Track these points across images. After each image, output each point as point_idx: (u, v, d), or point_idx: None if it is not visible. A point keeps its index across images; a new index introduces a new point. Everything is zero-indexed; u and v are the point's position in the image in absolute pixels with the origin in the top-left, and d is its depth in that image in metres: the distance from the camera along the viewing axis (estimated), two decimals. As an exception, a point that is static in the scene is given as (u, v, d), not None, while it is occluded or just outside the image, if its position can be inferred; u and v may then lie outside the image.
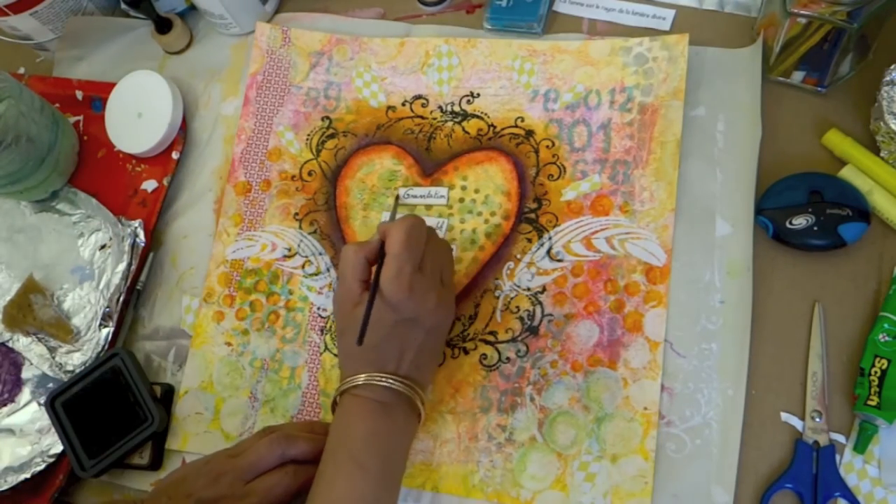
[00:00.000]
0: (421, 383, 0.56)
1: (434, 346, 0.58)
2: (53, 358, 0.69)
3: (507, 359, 0.60)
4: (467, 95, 0.68)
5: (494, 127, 0.67)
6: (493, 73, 0.68)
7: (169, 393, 0.66)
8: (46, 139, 0.71)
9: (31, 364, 0.70)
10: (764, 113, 0.61)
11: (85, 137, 0.77)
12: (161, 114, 0.72)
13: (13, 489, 0.65)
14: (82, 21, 0.79)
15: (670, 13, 0.67)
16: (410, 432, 0.56)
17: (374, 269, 0.55)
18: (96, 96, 0.77)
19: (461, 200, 0.65)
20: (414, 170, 0.67)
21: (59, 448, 0.65)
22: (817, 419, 0.54)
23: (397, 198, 0.66)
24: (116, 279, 0.68)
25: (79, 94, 0.77)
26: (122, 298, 0.68)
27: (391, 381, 0.53)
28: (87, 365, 0.67)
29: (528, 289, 0.62)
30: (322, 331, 0.65)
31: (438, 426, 0.60)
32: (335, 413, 0.56)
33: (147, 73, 0.74)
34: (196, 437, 0.64)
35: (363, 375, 0.54)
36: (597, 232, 0.62)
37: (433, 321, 0.56)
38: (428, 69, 0.70)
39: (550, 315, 0.61)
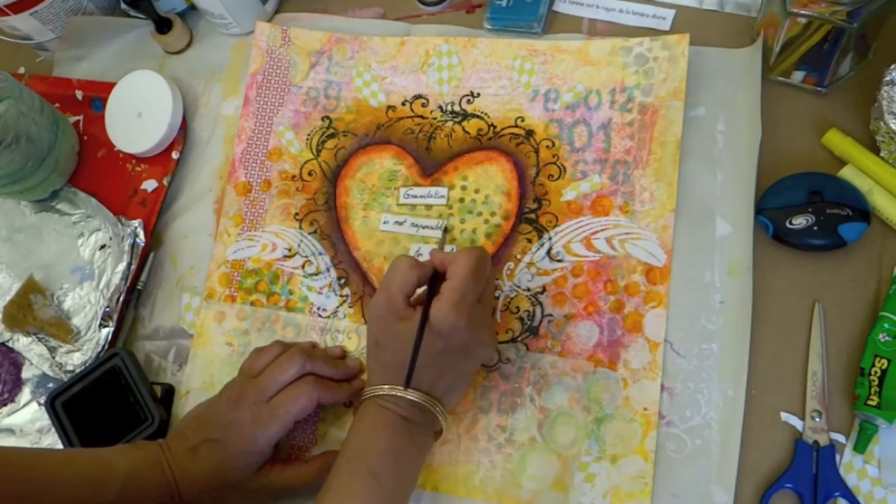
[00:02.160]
0: (448, 406, 0.56)
1: (471, 375, 0.58)
2: (53, 358, 0.69)
3: (507, 359, 0.60)
4: (467, 95, 0.68)
5: (494, 127, 0.67)
6: (493, 73, 0.68)
7: (169, 393, 0.66)
8: (46, 139, 0.71)
9: (31, 364, 0.70)
10: (764, 113, 0.61)
11: (85, 137, 0.77)
12: (161, 114, 0.72)
13: (13, 489, 0.65)
14: (82, 21, 0.79)
15: (670, 13, 0.67)
16: (427, 451, 0.56)
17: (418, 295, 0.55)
18: (96, 96, 0.77)
19: (461, 200, 0.65)
20: (414, 170, 0.67)
21: (59, 448, 0.65)
22: (817, 419, 0.54)
23: (446, 229, 0.64)
24: (116, 279, 0.68)
25: (79, 94, 0.77)
26: (122, 298, 0.68)
27: (421, 397, 0.53)
28: (87, 365, 0.67)
29: (528, 289, 0.62)
30: (322, 331, 0.65)
31: (438, 426, 0.60)
32: (356, 417, 0.55)
33: (147, 73, 0.74)
34: (196, 437, 0.64)
35: (391, 387, 0.53)
36: (597, 232, 0.61)
37: (482, 354, 0.57)
38: (428, 69, 0.70)
39: (550, 315, 0.61)
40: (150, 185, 0.73)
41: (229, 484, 0.57)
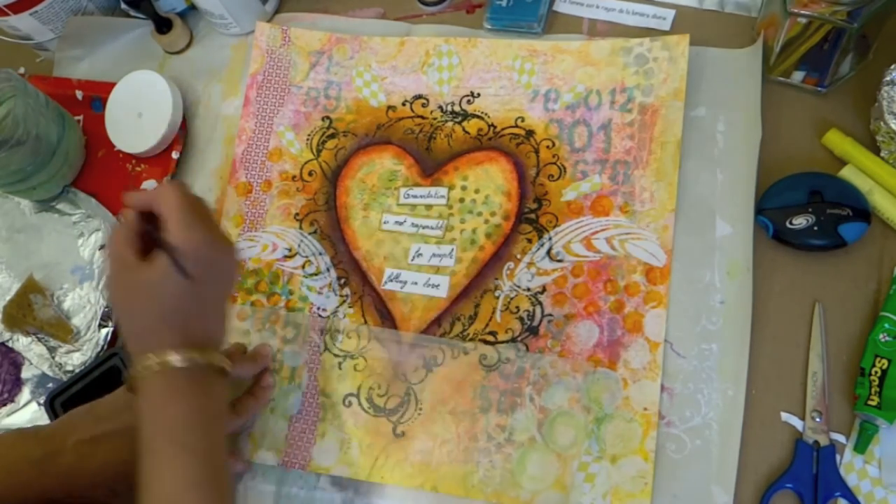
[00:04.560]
0: (219, 340, 0.53)
1: (225, 299, 0.55)
2: (53, 358, 0.69)
3: (507, 359, 0.60)
4: (467, 95, 0.68)
5: (495, 127, 0.67)
6: (493, 73, 0.68)
7: (169, 393, 0.66)
8: (55, 134, 0.71)
9: (31, 364, 0.70)
10: (764, 113, 0.61)
11: (85, 137, 0.77)
12: (161, 114, 0.72)
13: (13, 489, 0.65)
14: (82, 21, 0.79)
15: (670, 13, 0.67)
16: (224, 397, 0.53)
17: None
18: (96, 96, 0.77)
19: (461, 200, 0.65)
20: (414, 170, 0.67)
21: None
22: (817, 419, 0.54)
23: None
24: (116, 279, 0.68)
25: (79, 94, 0.77)
26: (121, 298, 0.68)
27: (194, 355, 0.49)
28: (86, 365, 0.67)
29: (528, 289, 0.62)
30: (322, 331, 0.65)
31: (438, 426, 0.60)
32: (139, 397, 0.49)
33: (147, 73, 0.74)
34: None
35: (155, 354, 0.48)
36: (597, 232, 0.61)
37: (229, 274, 0.53)
38: (428, 69, 0.70)
39: (550, 315, 0.61)
40: (150, 185, 0.73)
41: (124, 483, 0.52)
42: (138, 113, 0.73)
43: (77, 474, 0.53)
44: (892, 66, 0.57)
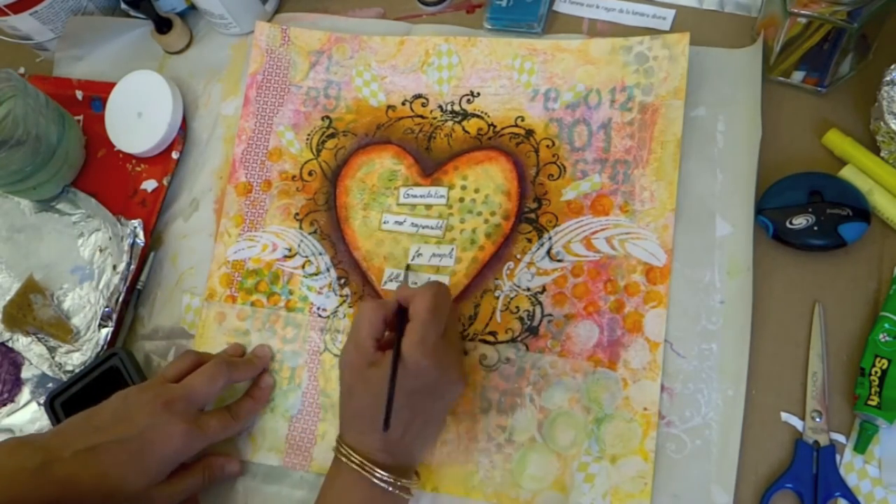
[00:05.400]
0: (418, 457, 0.56)
1: (442, 416, 0.58)
2: (53, 358, 0.69)
3: (507, 359, 0.60)
4: (467, 95, 0.68)
5: (494, 126, 0.67)
6: (493, 73, 0.68)
7: (169, 393, 0.66)
8: (55, 134, 0.71)
9: (31, 364, 0.70)
10: (764, 113, 0.61)
11: (85, 137, 0.77)
12: (161, 114, 0.72)
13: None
14: (82, 21, 0.79)
15: (670, 13, 0.67)
16: None
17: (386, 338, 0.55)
18: (96, 96, 0.77)
19: (461, 200, 0.65)
20: (414, 169, 0.67)
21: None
22: (817, 419, 0.54)
23: (408, 266, 0.64)
24: (116, 279, 0.68)
25: (79, 94, 0.77)
26: (121, 298, 0.68)
27: (387, 477, 0.52)
28: (86, 365, 0.67)
29: (528, 289, 0.62)
30: (322, 331, 0.65)
31: (438, 426, 0.60)
32: (330, 470, 0.55)
33: (147, 73, 0.74)
34: (196, 437, 0.64)
35: (361, 463, 0.52)
36: (597, 232, 0.61)
37: (451, 393, 0.56)
38: (428, 68, 0.69)
39: (550, 315, 0.61)
40: (150, 185, 0.73)
41: (121, 493, 0.54)
42: (138, 113, 0.73)
43: (75, 484, 0.53)
44: (892, 66, 0.57)
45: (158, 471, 0.55)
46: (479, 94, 0.68)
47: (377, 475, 0.52)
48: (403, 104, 0.69)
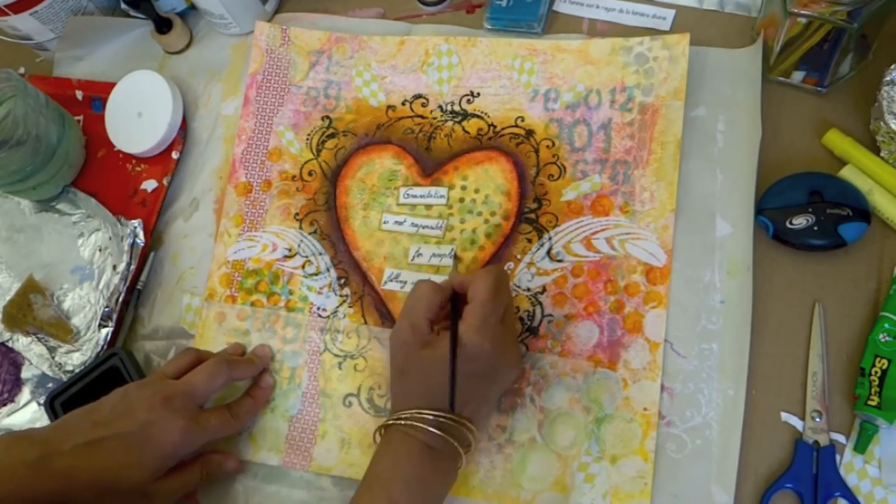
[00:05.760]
0: (478, 424, 0.55)
1: (496, 398, 0.58)
2: (53, 358, 0.69)
3: (507, 359, 0.60)
4: (467, 95, 0.68)
5: (494, 126, 0.67)
6: (493, 73, 0.68)
7: (169, 393, 0.66)
8: (55, 134, 0.71)
9: (31, 364, 0.70)
10: (764, 113, 0.61)
11: (85, 137, 0.77)
12: (161, 114, 0.72)
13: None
14: (82, 21, 0.79)
15: (670, 13, 0.67)
16: (451, 479, 0.55)
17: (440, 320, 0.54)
18: (96, 96, 0.77)
19: (461, 200, 0.65)
20: (414, 169, 0.67)
21: None
22: (817, 419, 0.54)
23: (455, 255, 0.63)
24: (116, 279, 0.68)
25: (79, 94, 0.77)
26: (121, 298, 0.68)
27: (445, 418, 0.51)
28: (86, 365, 0.67)
29: (528, 289, 0.62)
30: (322, 331, 0.65)
31: (438, 426, 0.60)
32: (380, 443, 0.54)
33: (147, 73, 0.74)
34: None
35: (416, 411, 0.52)
36: (597, 232, 0.61)
37: (507, 377, 0.56)
38: (428, 68, 0.69)
39: (550, 315, 0.61)
40: (150, 185, 0.73)
41: (119, 488, 0.54)
42: (138, 113, 0.73)
43: (74, 478, 0.53)
44: (892, 66, 0.57)
45: (157, 466, 0.55)
46: (479, 94, 0.68)
47: (432, 429, 0.51)
48: (403, 104, 0.69)
